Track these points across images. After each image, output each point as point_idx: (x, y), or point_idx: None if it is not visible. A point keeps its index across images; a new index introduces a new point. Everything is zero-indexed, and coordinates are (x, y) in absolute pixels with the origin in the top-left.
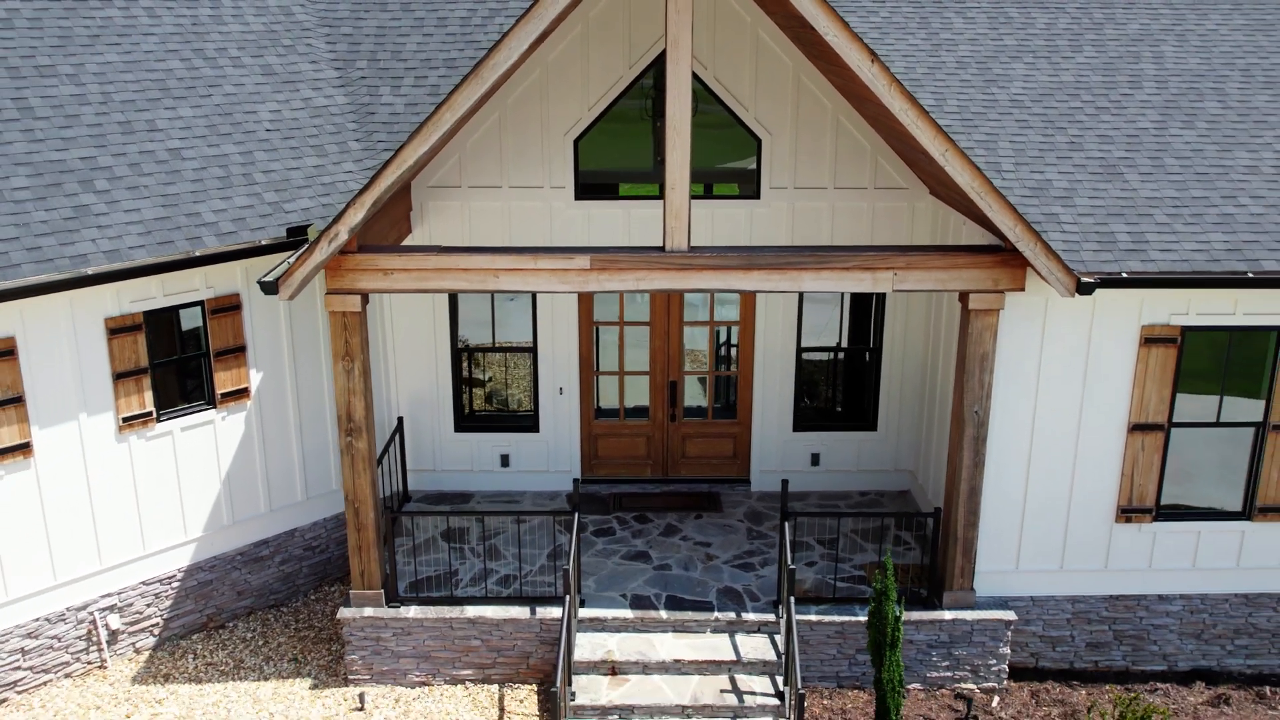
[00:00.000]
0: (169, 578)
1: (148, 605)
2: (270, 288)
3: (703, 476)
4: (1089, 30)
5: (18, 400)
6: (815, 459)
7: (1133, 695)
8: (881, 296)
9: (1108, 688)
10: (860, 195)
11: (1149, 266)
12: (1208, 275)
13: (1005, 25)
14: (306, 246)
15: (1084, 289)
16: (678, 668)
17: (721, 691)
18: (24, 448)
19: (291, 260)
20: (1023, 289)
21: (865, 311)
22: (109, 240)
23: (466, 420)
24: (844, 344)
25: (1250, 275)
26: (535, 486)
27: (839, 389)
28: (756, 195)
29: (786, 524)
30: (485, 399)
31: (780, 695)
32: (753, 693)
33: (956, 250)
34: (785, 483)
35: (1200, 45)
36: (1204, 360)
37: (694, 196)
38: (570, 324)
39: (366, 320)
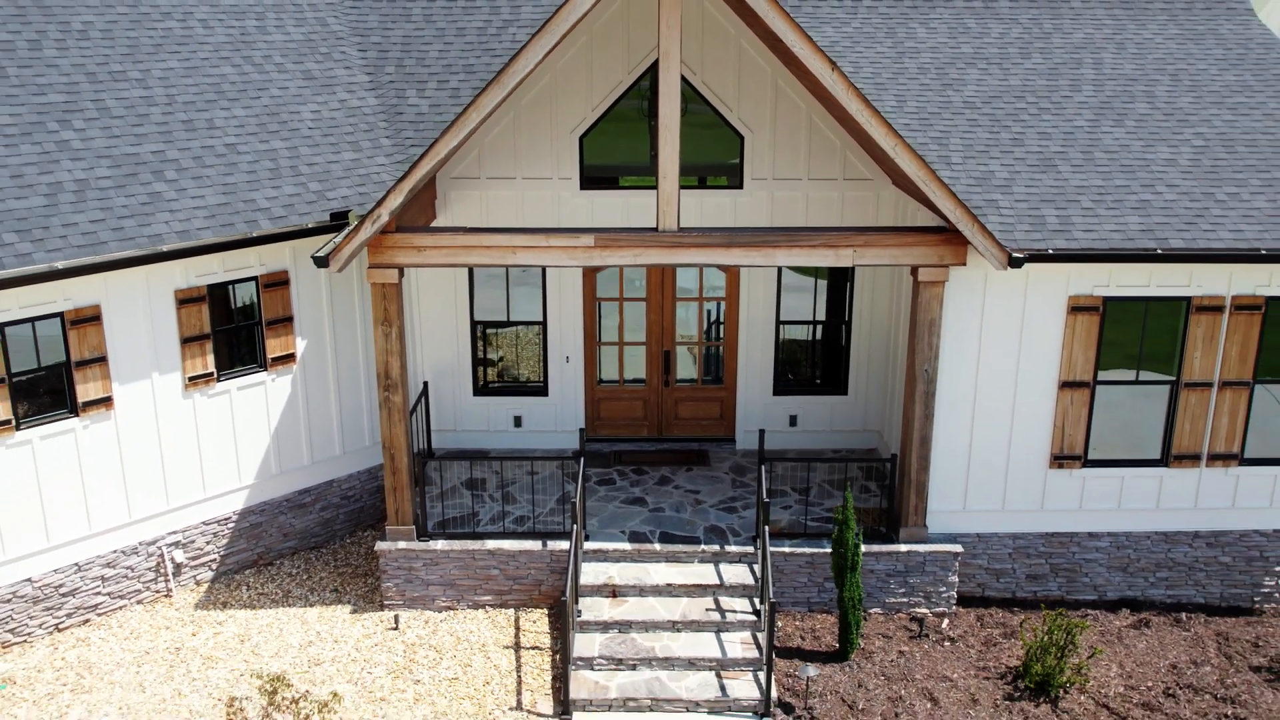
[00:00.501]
0: (225, 519)
1: (207, 543)
2: (322, 262)
3: (693, 436)
4: (1038, 39)
5: (101, 360)
6: (793, 420)
7: (1058, 612)
8: (851, 275)
9: (1043, 612)
10: (831, 185)
11: (1072, 244)
12: (1123, 251)
13: (963, 35)
14: (352, 227)
15: (1014, 263)
16: (669, 591)
17: (706, 610)
18: (106, 401)
19: (339, 239)
20: (964, 264)
21: (838, 289)
22: (179, 222)
23: (483, 386)
24: (818, 318)
25: (1159, 252)
26: (545, 445)
27: (814, 358)
28: (740, 185)
29: (764, 468)
30: (500, 368)
31: (756, 613)
32: (733, 611)
33: (907, 231)
34: (762, 432)
35: (1136, 53)
36: (1125, 326)
37: (686, 187)
38: (575, 301)
39: (402, 291)
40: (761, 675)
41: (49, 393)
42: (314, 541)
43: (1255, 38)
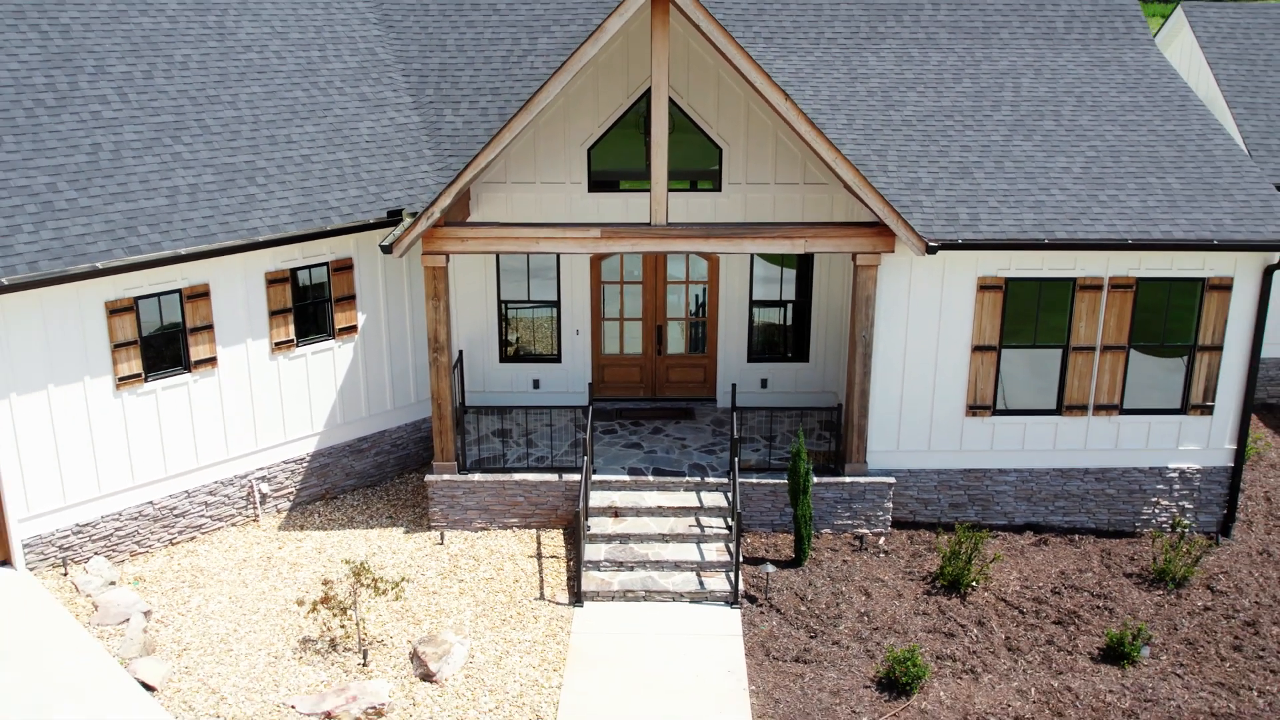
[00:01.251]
0: (300, 459)
1: (286, 478)
2: (387, 249)
3: (681, 396)
4: (969, 66)
5: (209, 327)
6: (764, 383)
7: (968, 528)
8: (811, 262)
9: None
10: (794, 188)
11: (977, 236)
12: (1017, 241)
13: (907, 63)
14: (409, 222)
15: (930, 250)
16: (660, 512)
17: (689, 526)
18: (211, 360)
19: (398, 231)
20: (893, 251)
21: (802, 274)
22: (270, 218)
23: (508, 355)
24: (785, 298)
25: (1046, 241)
26: (558, 403)
27: (782, 331)
28: (719, 188)
29: (736, 416)
30: (522, 339)
31: (729, 528)
32: (710, 527)
33: (848, 225)
34: (734, 386)
35: (1051, 78)
36: (1024, 301)
37: (674, 189)
38: (584, 284)
39: (447, 274)
40: (731, 575)
41: (169, 353)
42: (370, 480)
43: (1152, 65)
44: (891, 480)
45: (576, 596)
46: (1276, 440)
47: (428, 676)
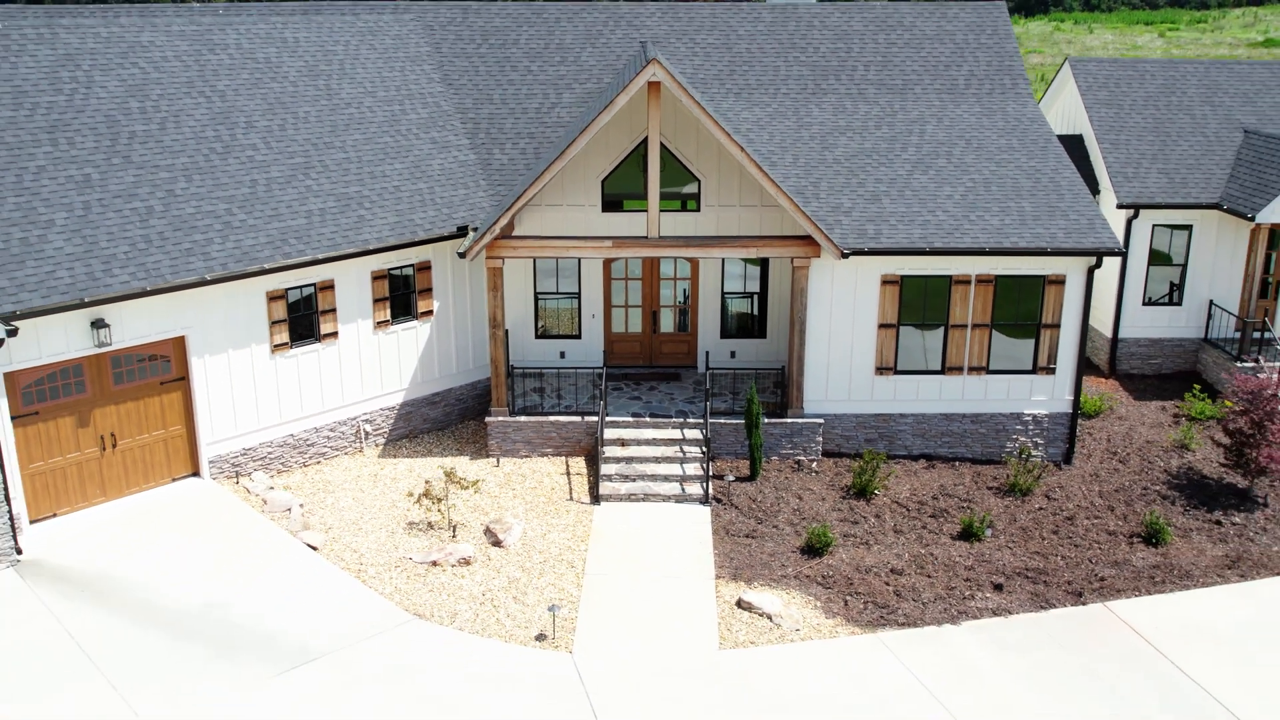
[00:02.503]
0: (392, 408)
1: (382, 421)
2: (462, 255)
3: (671, 364)
4: (887, 116)
5: (333, 311)
6: (733, 354)
7: (875, 454)
8: (767, 262)
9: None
10: (754, 209)
11: (880, 245)
12: (907, 249)
13: (841, 113)
14: (476, 236)
15: (845, 256)
16: (654, 441)
17: (675, 452)
18: (333, 334)
19: (468, 243)
20: (820, 256)
21: (761, 272)
22: (375, 233)
23: (540, 333)
24: (748, 290)
25: (927, 249)
26: (580, 369)
27: (747, 315)
28: (699, 209)
29: (709, 375)
30: (551, 321)
31: (703, 454)
32: (690, 453)
33: (787, 237)
34: (707, 353)
35: (949, 125)
36: (917, 292)
37: (665, 210)
38: (598, 280)
39: (502, 273)
40: (704, 485)
41: (305, 329)
42: (440, 425)
43: (1028, 115)
44: (821, 421)
45: (595, 498)
46: (1128, 400)
47: (496, 543)
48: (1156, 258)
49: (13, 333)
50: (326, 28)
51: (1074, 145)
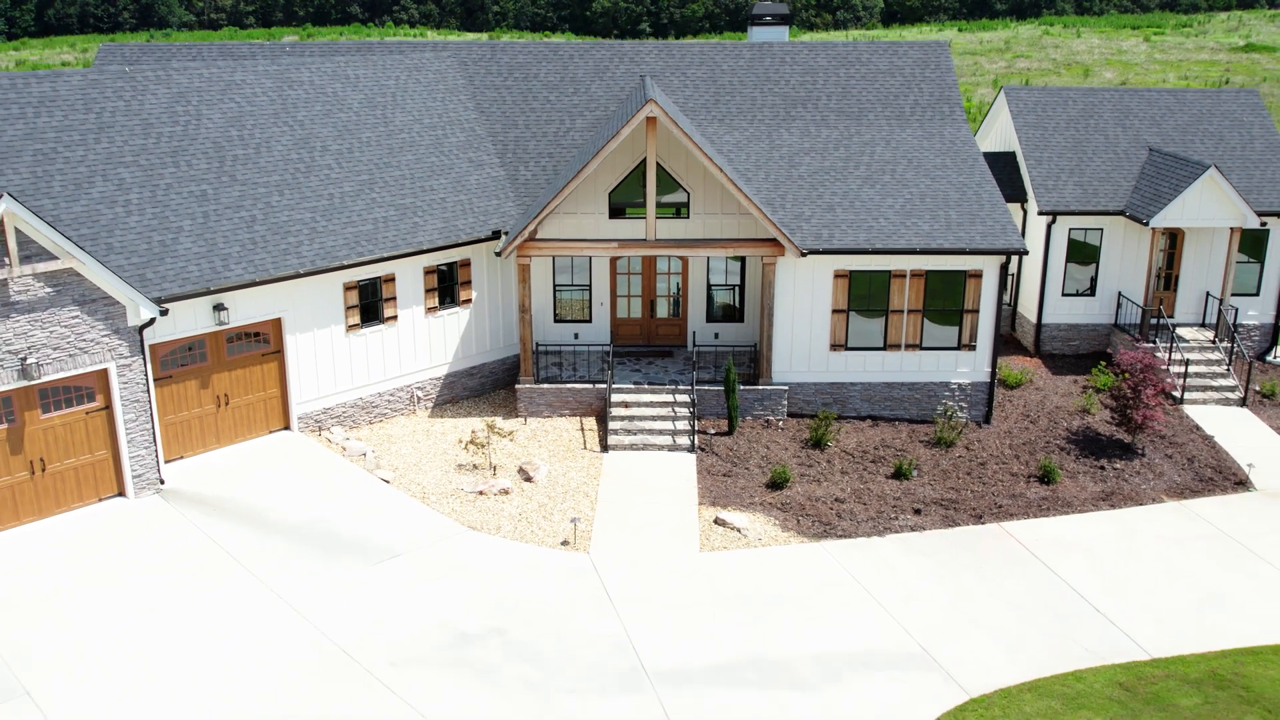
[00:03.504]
0: (438, 378)
1: (431, 389)
2: (498, 254)
3: (665, 344)
4: (845, 139)
5: (393, 299)
6: (717, 335)
7: (829, 414)
8: (744, 259)
9: (821, 416)
10: (734, 216)
11: (832, 246)
12: (854, 250)
13: (806, 137)
14: (508, 240)
15: (804, 254)
16: (651, 404)
17: (668, 412)
18: (394, 317)
19: (502, 245)
20: (784, 255)
21: (740, 267)
22: (427, 237)
23: (558, 318)
24: (729, 283)
25: (870, 249)
26: (591, 347)
27: (728, 303)
28: (688, 217)
29: (695, 352)
30: (567, 308)
31: (691, 414)
32: (680, 413)
33: (758, 239)
34: (694, 334)
35: (895, 147)
36: (863, 284)
37: (661, 217)
38: (605, 274)
39: (530, 270)
40: (691, 438)
41: (372, 313)
42: (477, 393)
43: (961, 138)
44: (786, 388)
45: (605, 447)
46: (1047, 375)
47: (528, 479)
48: (1073, 256)
49: (164, 313)
50: (380, 65)
51: (1008, 161)
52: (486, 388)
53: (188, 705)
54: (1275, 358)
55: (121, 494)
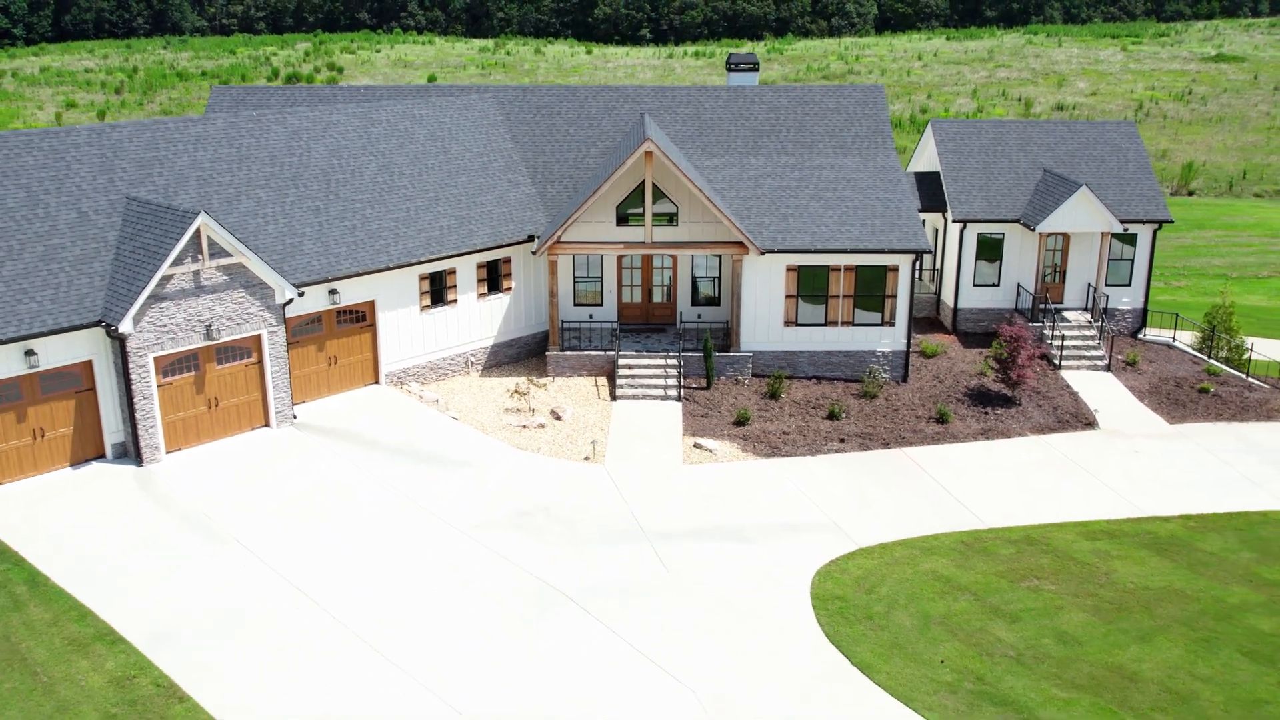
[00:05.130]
0: (486, 348)
1: (481, 355)
2: (534, 253)
3: (659, 322)
4: (799, 164)
5: (454, 286)
6: (699, 316)
7: (781, 373)
8: (722, 257)
9: (777, 376)
10: (713, 224)
11: (784, 247)
12: (801, 249)
13: (770, 162)
14: (540, 241)
15: (763, 253)
16: (648, 367)
17: (661, 373)
18: (454, 301)
19: (536, 247)
20: (749, 254)
21: (719, 263)
22: (479, 240)
23: (576, 303)
24: (709, 274)
25: (813, 249)
26: (602, 325)
27: (709, 291)
28: (677, 224)
29: (680, 328)
30: (583, 295)
31: (678, 374)
32: (669, 374)
33: (729, 242)
34: (680, 313)
35: (838, 170)
36: (809, 276)
37: (655, 225)
38: (613, 268)
39: (557, 265)
40: (678, 391)
41: (439, 296)
42: (514, 359)
43: (890, 163)
44: (750, 355)
45: (613, 397)
46: (959, 348)
47: (558, 418)
48: (982, 254)
49: (301, 295)
50: (438, 105)
51: (934, 179)
52: (522, 355)
53: (347, 537)
54: (1144, 335)
55: (267, 425)
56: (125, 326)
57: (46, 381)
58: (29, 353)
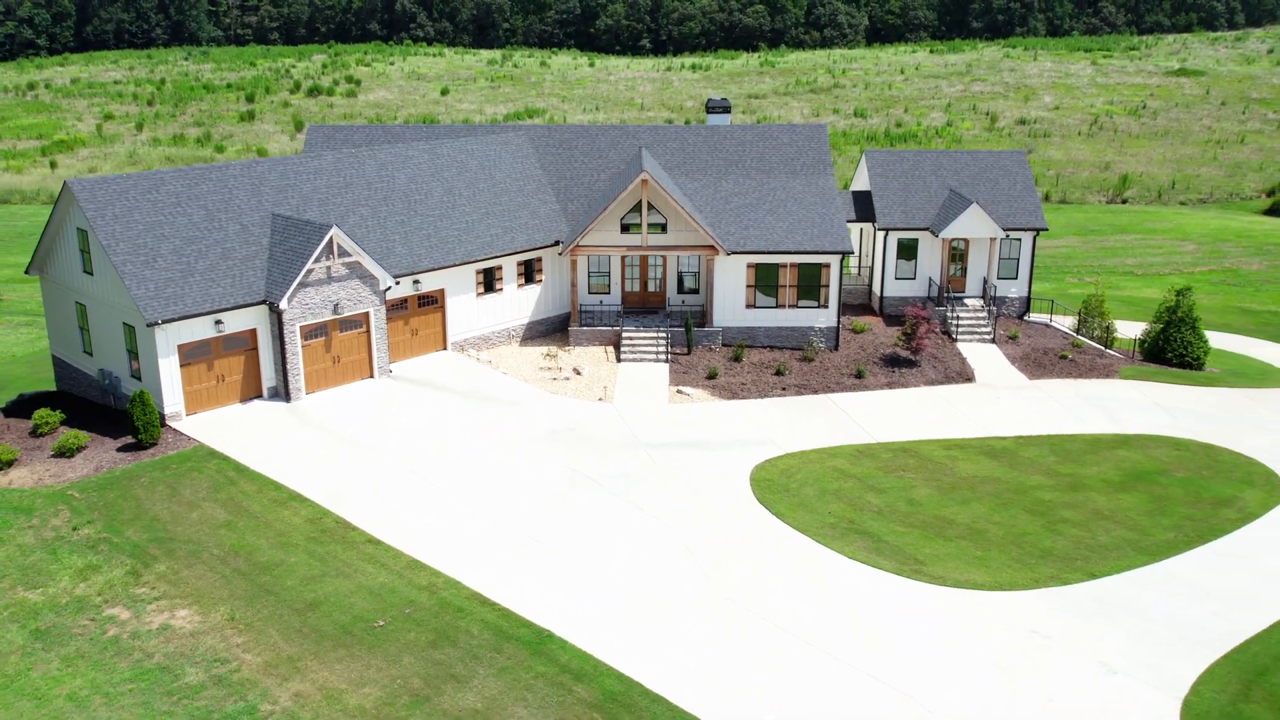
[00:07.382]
0: (523, 325)
1: (519, 330)
2: (560, 254)
3: (653, 307)
4: (758, 185)
5: (501, 278)
6: (684, 301)
7: (740, 345)
8: (699, 256)
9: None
10: (694, 232)
11: (745, 249)
12: (758, 250)
13: (736, 184)
14: (564, 245)
15: (729, 254)
16: (644, 339)
17: (654, 343)
18: (500, 289)
19: (561, 249)
20: (719, 255)
21: (698, 261)
22: (519, 244)
23: (590, 294)
24: (692, 270)
25: (767, 250)
26: (610, 309)
27: (691, 284)
28: (666, 232)
29: (671, 310)
30: (595, 285)
31: (666, 343)
32: (660, 344)
33: (705, 245)
34: (669, 299)
35: (787, 189)
36: (764, 270)
37: (650, 232)
38: (618, 266)
39: (576, 262)
40: (667, 356)
41: (490, 284)
42: (544, 334)
43: (828, 185)
44: (720, 330)
45: (619, 360)
46: (881, 327)
47: (579, 374)
48: (901, 254)
49: (398, 283)
50: (484, 141)
51: (867, 196)
52: (550, 330)
53: (438, 444)
54: (1028, 318)
55: (371, 376)
56: (284, 304)
57: (226, 342)
58: (218, 321)
